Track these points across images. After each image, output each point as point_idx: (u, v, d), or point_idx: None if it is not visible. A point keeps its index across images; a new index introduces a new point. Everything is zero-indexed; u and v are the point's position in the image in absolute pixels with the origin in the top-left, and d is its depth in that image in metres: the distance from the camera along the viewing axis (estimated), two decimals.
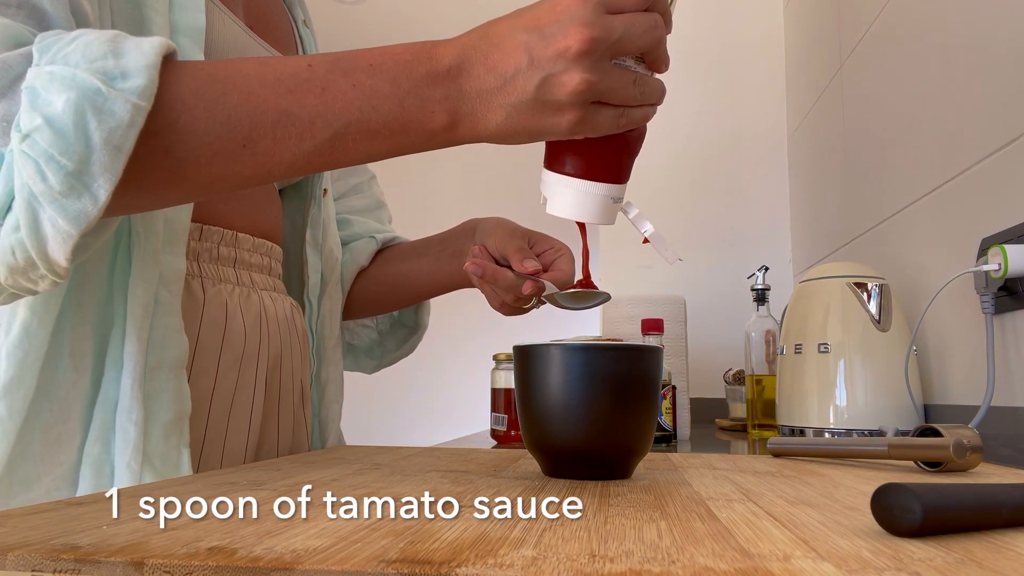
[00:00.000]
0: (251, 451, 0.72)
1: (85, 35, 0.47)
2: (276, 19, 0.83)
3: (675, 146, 1.99)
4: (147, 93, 0.46)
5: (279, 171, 0.51)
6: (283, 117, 0.49)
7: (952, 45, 1.02)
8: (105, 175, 0.45)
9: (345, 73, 0.49)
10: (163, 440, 0.60)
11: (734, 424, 1.50)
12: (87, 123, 0.44)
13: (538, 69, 0.47)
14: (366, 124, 0.50)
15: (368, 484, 0.48)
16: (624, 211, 0.58)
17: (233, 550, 0.29)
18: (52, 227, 0.46)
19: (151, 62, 0.46)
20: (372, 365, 1.03)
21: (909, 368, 1.00)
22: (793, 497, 0.44)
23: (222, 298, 0.70)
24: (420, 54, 0.50)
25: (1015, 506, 0.35)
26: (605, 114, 0.50)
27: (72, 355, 0.58)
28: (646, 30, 0.49)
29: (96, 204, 0.45)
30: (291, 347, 0.80)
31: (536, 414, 0.52)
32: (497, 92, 0.49)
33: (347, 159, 0.52)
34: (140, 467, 0.58)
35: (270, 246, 0.79)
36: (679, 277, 1.93)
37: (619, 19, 0.48)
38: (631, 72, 0.50)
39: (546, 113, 0.49)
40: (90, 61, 0.45)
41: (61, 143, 0.44)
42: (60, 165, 0.44)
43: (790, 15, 1.93)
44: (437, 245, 0.89)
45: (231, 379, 0.70)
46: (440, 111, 0.50)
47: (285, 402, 0.78)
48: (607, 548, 0.30)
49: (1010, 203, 0.86)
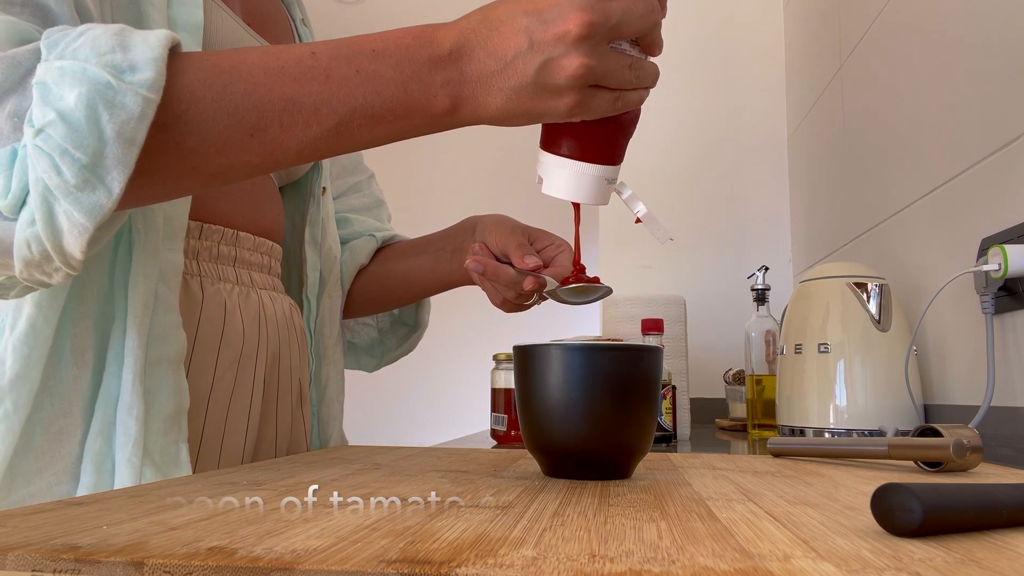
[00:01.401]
0: (249, 450, 0.72)
1: (92, 29, 0.47)
2: (274, 17, 0.83)
3: (675, 146, 1.99)
4: (156, 85, 0.46)
5: (287, 158, 0.52)
6: (289, 105, 0.49)
7: (952, 45, 1.02)
8: (119, 167, 0.46)
9: (348, 60, 0.50)
10: (163, 435, 0.60)
11: (734, 424, 1.50)
12: (99, 116, 0.45)
13: (538, 53, 0.48)
14: (371, 109, 0.50)
15: (368, 484, 0.48)
16: (618, 192, 0.59)
17: (233, 550, 0.29)
18: (68, 220, 0.46)
19: (158, 55, 0.47)
20: (372, 363, 1.03)
21: (909, 368, 1.00)
22: (793, 497, 0.44)
23: (221, 297, 0.70)
24: (421, 38, 0.50)
25: (1015, 506, 0.35)
26: (602, 97, 0.51)
27: (74, 350, 0.59)
28: (643, 14, 0.49)
29: (110, 196, 0.46)
30: (290, 346, 0.80)
31: (536, 414, 0.52)
32: (497, 75, 0.49)
33: (353, 144, 0.52)
34: (140, 462, 0.58)
35: (270, 245, 0.79)
36: (679, 277, 1.93)
37: (616, 4, 0.48)
38: (628, 56, 0.51)
39: (545, 96, 0.50)
40: (99, 55, 0.46)
41: (75, 137, 0.44)
42: (74, 159, 0.45)
43: (790, 15, 1.93)
44: (437, 242, 0.89)
45: (229, 378, 0.70)
46: (442, 95, 0.50)
47: (283, 401, 0.78)
48: (607, 548, 0.30)
49: (1010, 203, 0.86)
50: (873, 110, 1.33)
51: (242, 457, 0.71)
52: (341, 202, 0.99)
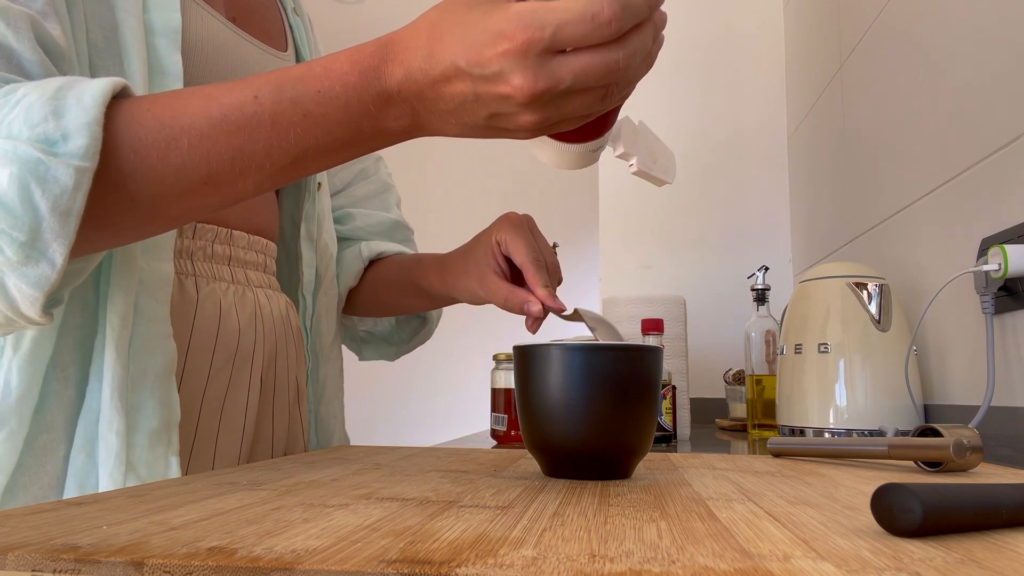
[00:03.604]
0: (245, 449, 0.72)
1: (28, 95, 0.47)
2: (262, 9, 0.81)
3: (675, 146, 1.99)
4: (90, 152, 0.46)
5: (248, 195, 0.52)
6: (238, 153, 0.49)
7: (952, 45, 1.02)
8: (58, 240, 0.46)
9: (293, 103, 0.48)
10: (148, 449, 0.59)
11: (734, 424, 1.50)
12: (32, 194, 0.45)
13: (484, 105, 0.46)
14: (325, 147, 0.50)
15: (368, 484, 0.48)
16: (612, 147, 0.59)
17: (233, 550, 0.29)
18: (19, 292, 0.47)
19: (92, 118, 0.46)
20: (392, 352, 1.02)
21: (909, 368, 1.00)
22: (793, 497, 0.44)
23: (216, 296, 0.70)
24: (368, 73, 0.48)
25: (1015, 506, 0.35)
26: (571, 121, 0.48)
27: (55, 366, 0.59)
28: (603, 74, 0.43)
29: (54, 268, 0.47)
30: (286, 344, 0.80)
31: (536, 414, 0.52)
32: (450, 113, 0.48)
33: (315, 170, 0.53)
34: (124, 477, 0.58)
35: (265, 243, 0.79)
36: (679, 277, 1.93)
37: (567, 66, 0.43)
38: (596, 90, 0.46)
39: (502, 132, 0.48)
40: (32, 127, 0.46)
41: (10, 218, 0.45)
42: (13, 238, 0.45)
43: (790, 15, 1.93)
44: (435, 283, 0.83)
45: (224, 376, 0.70)
46: (396, 126, 0.50)
47: (280, 400, 0.78)
48: (607, 548, 0.30)
49: (1010, 203, 0.86)
50: (873, 110, 1.33)
51: (239, 457, 0.71)
52: (347, 194, 0.97)
